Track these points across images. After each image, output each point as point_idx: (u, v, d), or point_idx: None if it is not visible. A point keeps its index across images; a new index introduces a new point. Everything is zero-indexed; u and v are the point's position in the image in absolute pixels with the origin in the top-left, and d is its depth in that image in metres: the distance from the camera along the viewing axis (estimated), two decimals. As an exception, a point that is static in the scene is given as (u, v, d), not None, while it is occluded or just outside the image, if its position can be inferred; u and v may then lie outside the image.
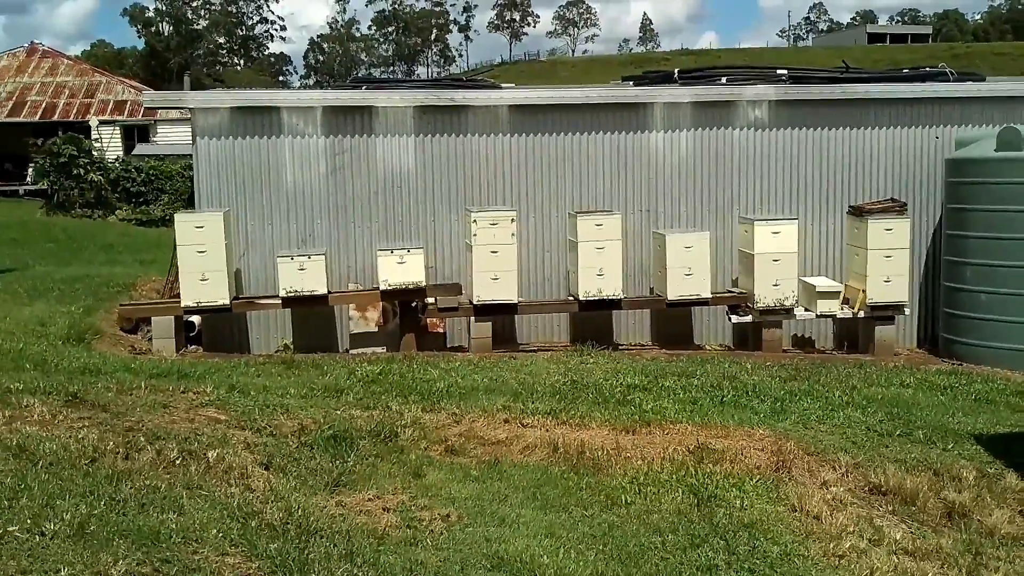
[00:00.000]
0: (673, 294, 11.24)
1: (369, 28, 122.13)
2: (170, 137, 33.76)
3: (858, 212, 11.65)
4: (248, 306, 11.26)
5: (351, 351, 11.35)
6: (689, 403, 8.24)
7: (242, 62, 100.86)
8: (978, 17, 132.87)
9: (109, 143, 33.11)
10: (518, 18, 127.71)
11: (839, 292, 11.56)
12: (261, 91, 15.64)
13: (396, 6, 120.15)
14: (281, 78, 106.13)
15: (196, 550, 4.59)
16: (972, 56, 76.79)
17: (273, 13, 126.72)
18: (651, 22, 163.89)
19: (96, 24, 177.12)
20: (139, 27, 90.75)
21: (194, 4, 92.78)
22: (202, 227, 10.71)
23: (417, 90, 12.37)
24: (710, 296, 11.40)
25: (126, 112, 35.39)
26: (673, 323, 12.09)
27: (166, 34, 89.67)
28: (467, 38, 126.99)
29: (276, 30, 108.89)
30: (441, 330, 11.79)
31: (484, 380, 8.96)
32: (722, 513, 6.02)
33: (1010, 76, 17.75)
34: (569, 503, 6.19)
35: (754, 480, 6.56)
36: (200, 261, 10.64)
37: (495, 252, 10.91)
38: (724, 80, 12.84)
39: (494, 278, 10.94)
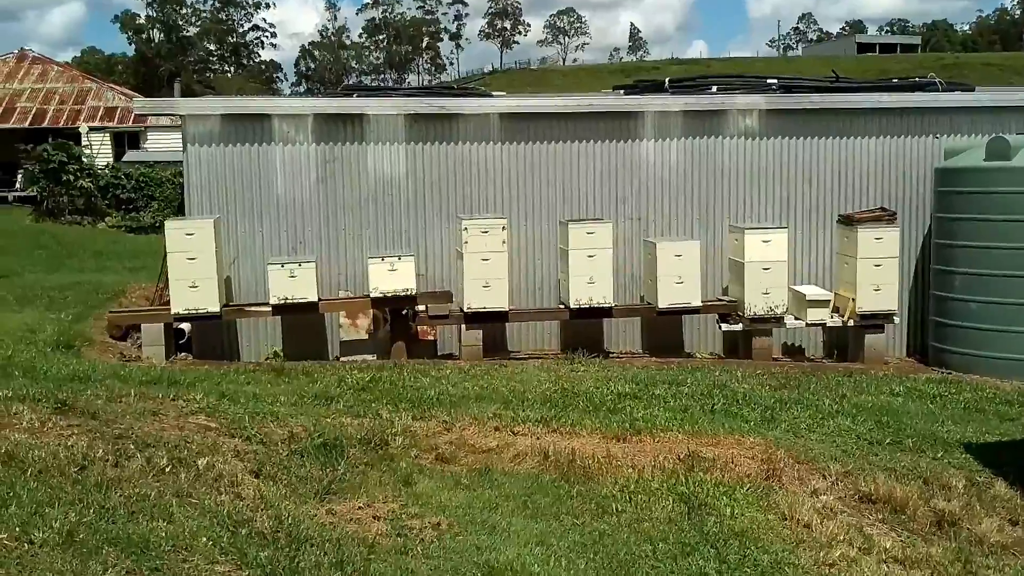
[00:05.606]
0: (664, 302, 11.26)
1: (360, 36, 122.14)
2: (160, 144, 33.71)
3: (848, 221, 11.69)
4: (238, 313, 11.24)
5: (341, 359, 11.33)
6: (680, 411, 8.25)
7: (233, 69, 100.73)
8: (966, 28, 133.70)
9: (99, 150, 33.01)
10: (509, 27, 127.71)
11: (829, 301, 11.60)
12: (252, 98, 15.67)
13: (387, 14, 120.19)
14: (272, 85, 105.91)
15: (186, 558, 4.58)
16: (960, 67, 77.13)
17: (264, 21, 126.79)
18: (639, 31, 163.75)
19: (86, 31, 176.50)
20: (129, 34, 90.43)
21: (184, 11, 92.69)
22: (192, 234, 10.70)
23: (408, 98, 12.38)
24: (700, 304, 11.43)
25: (116, 119, 35.33)
26: (663, 331, 12.10)
27: (157, 41, 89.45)
28: (458, 46, 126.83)
29: (267, 37, 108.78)
30: (432, 338, 11.77)
31: (475, 388, 8.95)
32: (712, 521, 6.02)
33: (998, 86, 17.84)
34: (560, 511, 6.18)
35: (744, 488, 6.56)
36: (190, 268, 10.62)
37: (486, 260, 10.91)
38: (715, 89, 12.89)
39: (485, 286, 10.95)
